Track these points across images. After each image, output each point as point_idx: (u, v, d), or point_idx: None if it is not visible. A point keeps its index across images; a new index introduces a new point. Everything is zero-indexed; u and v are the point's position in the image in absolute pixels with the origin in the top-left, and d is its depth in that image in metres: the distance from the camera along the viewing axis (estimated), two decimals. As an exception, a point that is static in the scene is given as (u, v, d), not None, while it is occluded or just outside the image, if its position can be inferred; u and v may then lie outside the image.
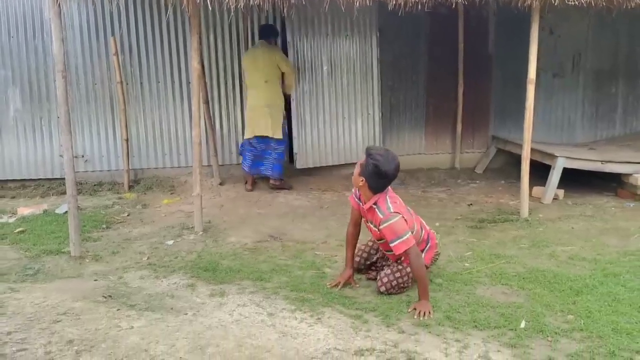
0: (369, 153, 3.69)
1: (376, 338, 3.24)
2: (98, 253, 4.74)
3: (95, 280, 4.16)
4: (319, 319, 3.48)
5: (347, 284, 3.98)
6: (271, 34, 6.62)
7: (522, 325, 3.36)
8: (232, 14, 5.10)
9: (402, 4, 4.90)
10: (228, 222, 5.67)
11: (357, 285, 4.00)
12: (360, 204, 3.87)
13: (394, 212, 3.64)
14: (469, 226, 5.47)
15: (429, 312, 3.51)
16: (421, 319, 3.46)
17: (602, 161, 6.33)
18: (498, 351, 3.10)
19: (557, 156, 6.23)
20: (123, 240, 5.11)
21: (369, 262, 4.17)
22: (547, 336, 3.24)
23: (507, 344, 3.16)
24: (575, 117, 8.13)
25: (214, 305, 3.69)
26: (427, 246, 3.97)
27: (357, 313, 3.56)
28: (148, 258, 4.63)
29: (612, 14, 5.76)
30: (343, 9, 4.81)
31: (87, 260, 4.58)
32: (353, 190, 3.97)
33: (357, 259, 4.18)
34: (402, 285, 3.83)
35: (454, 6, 5.03)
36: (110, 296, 3.84)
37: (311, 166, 7.22)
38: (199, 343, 3.19)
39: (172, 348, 3.13)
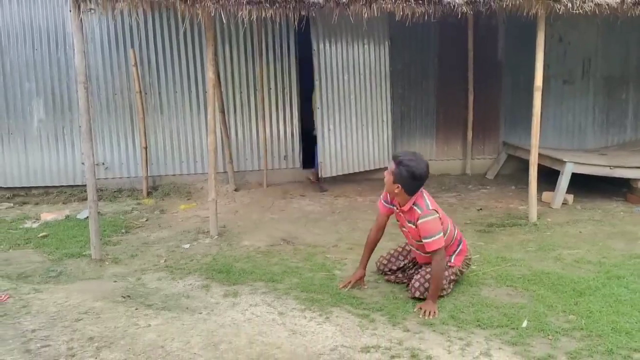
0: (399, 160, 3.76)
1: (382, 336, 3.37)
2: (117, 256, 4.93)
3: (115, 281, 4.34)
4: (327, 318, 3.62)
5: (357, 284, 4.11)
6: None
7: (524, 324, 3.46)
8: (246, 25, 5.26)
9: (410, 14, 5.04)
10: (242, 226, 5.84)
11: (366, 287, 4.12)
12: (394, 208, 3.98)
13: (433, 209, 3.77)
14: (478, 230, 5.57)
15: (434, 313, 3.62)
16: (426, 318, 3.57)
17: (610, 166, 6.39)
18: (499, 349, 3.21)
19: (565, 161, 6.31)
20: (141, 244, 5.30)
21: (395, 267, 4.24)
22: (548, 335, 3.34)
23: (509, 342, 3.26)
24: (586, 123, 8.19)
25: (228, 305, 3.85)
26: (458, 249, 4.02)
27: (364, 312, 3.69)
28: (165, 261, 4.81)
29: (619, 21, 5.85)
30: (352, 20, 4.96)
31: (107, 263, 4.78)
32: (382, 195, 4.08)
33: (384, 262, 4.29)
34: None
35: (459, 16, 5.14)
36: (128, 296, 4.02)
37: (334, 174, 7.32)
38: (212, 340, 3.35)
39: (187, 345, 3.29)
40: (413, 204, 3.81)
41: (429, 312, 3.62)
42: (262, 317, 3.65)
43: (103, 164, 7.17)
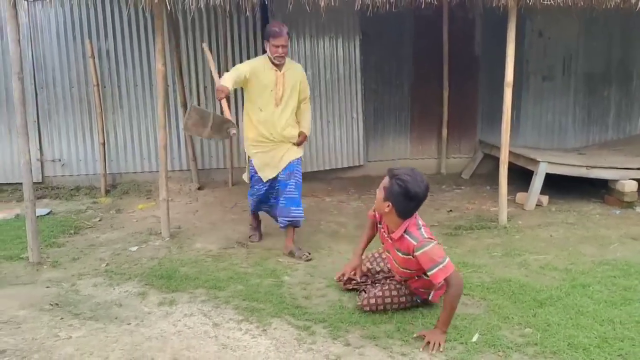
0: (394, 174, 3.29)
1: (319, 351, 3.10)
2: (58, 259, 4.63)
3: (47, 287, 4.06)
4: (264, 330, 3.35)
5: (353, 274, 3.78)
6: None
7: (475, 338, 3.19)
8: (195, 14, 4.98)
9: (375, 3, 4.73)
10: (199, 227, 5.55)
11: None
12: (381, 229, 3.54)
13: (428, 238, 3.28)
14: (444, 233, 5.28)
15: (440, 345, 3.09)
16: (431, 352, 3.05)
17: (587, 167, 6.11)
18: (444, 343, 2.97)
19: (539, 161, 6.03)
20: (87, 246, 5.00)
21: (364, 279, 3.82)
22: (499, 351, 3.07)
23: (455, 359, 2.99)
24: (567, 122, 7.91)
25: (160, 315, 3.58)
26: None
27: (305, 324, 3.42)
28: (107, 265, 4.52)
29: (601, 16, 5.57)
30: (309, 9, 4.67)
31: (45, 267, 4.47)
32: (373, 210, 3.65)
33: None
34: (387, 308, 3.54)
35: (423, 6, 4.83)
36: (57, 304, 3.75)
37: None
38: (134, 355, 3.08)
39: (105, 360, 3.02)
40: (404, 233, 3.32)
41: (435, 344, 3.07)
42: (195, 329, 3.38)
43: (59, 160, 6.86)
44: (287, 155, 4.73)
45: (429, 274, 3.20)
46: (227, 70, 6.78)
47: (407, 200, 3.25)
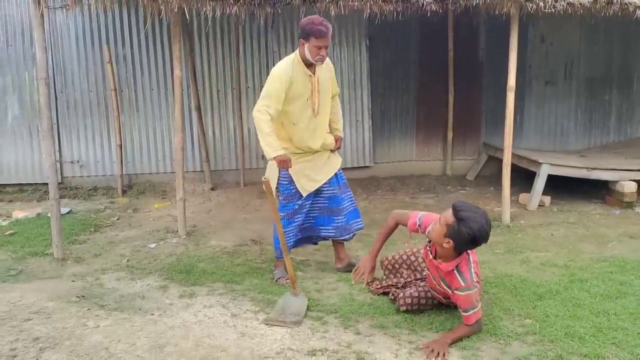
0: (461, 217, 3.14)
1: (332, 339, 3.31)
2: (81, 255, 4.87)
3: (73, 281, 4.29)
4: (280, 320, 3.57)
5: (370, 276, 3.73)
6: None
7: (477, 328, 3.40)
8: (213, 20, 5.20)
9: (378, 12, 4.97)
10: (213, 226, 5.78)
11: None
12: (429, 251, 3.47)
13: (476, 281, 3.30)
14: (449, 232, 5.49)
15: (444, 354, 3.09)
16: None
17: (587, 168, 6.31)
18: (447, 353, 3.15)
19: (541, 163, 6.24)
20: (108, 243, 5.24)
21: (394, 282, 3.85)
22: (500, 339, 3.28)
23: (458, 346, 3.20)
24: (569, 125, 8.12)
25: (181, 306, 3.79)
26: None
27: (318, 315, 3.63)
28: (128, 260, 4.75)
29: (601, 22, 5.75)
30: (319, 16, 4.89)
31: (69, 262, 4.72)
32: (421, 219, 3.53)
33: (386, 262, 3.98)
34: (421, 309, 3.64)
35: (429, 14, 5.05)
36: (83, 296, 3.97)
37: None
38: (159, 342, 3.29)
39: (132, 347, 3.23)
40: (455, 269, 3.30)
41: (438, 353, 3.09)
42: (214, 319, 3.59)
43: (78, 161, 7.12)
44: (330, 166, 4.19)
45: (464, 314, 3.29)
46: (239, 77, 7.09)
47: (470, 244, 3.26)
